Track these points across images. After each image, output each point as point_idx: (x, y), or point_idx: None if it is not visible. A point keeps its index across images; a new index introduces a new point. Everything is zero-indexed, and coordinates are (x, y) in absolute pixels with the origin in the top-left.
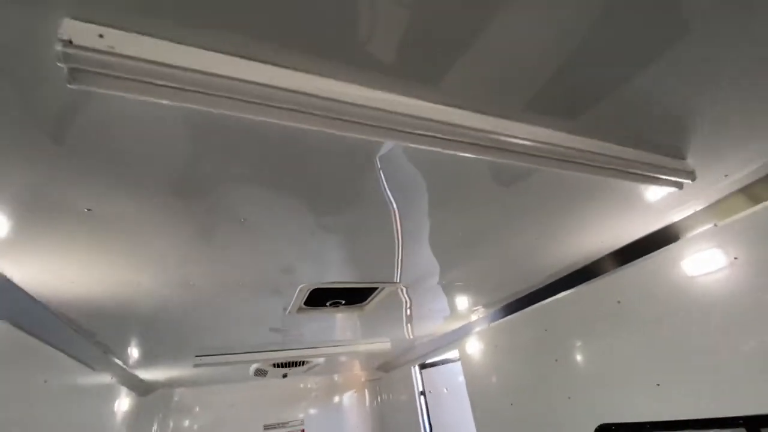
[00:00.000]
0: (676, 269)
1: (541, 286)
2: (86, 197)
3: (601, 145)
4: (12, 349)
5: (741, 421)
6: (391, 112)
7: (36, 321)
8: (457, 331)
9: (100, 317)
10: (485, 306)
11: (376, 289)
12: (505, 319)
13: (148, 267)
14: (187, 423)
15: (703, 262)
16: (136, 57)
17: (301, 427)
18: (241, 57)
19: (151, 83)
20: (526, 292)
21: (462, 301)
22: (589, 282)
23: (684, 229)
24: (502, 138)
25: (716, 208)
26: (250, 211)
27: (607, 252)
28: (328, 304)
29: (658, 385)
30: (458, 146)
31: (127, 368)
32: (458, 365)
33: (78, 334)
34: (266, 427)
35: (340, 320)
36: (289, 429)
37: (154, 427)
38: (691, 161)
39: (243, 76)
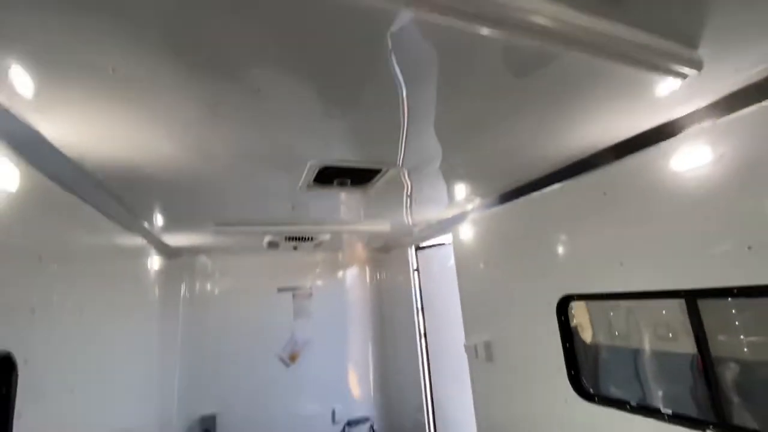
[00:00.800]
0: (664, 164)
1: (537, 177)
2: (111, 57)
3: (611, 26)
4: (54, 204)
5: (682, 293)
6: None
7: (72, 180)
8: (452, 219)
9: (126, 180)
10: (482, 196)
11: (380, 171)
12: (498, 207)
13: (167, 130)
14: (209, 286)
15: (692, 158)
16: None
17: (310, 292)
18: None
19: None
20: (521, 183)
21: (460, 189)
22: (580, 175)
23: (683, 126)
24: (518, 14)
25: (719, 106)
26: (264, 82)
27: (604, 146)
28: (335, 182)
29: (621, 264)
30: (476, 20)
31: (154, 233)
32: (450, 248)
33: (109, 196)
34: (279, 290)
35: (345, 201)
36: (300, 292)
37: (183, 289)
38: (702, 51)
39: None
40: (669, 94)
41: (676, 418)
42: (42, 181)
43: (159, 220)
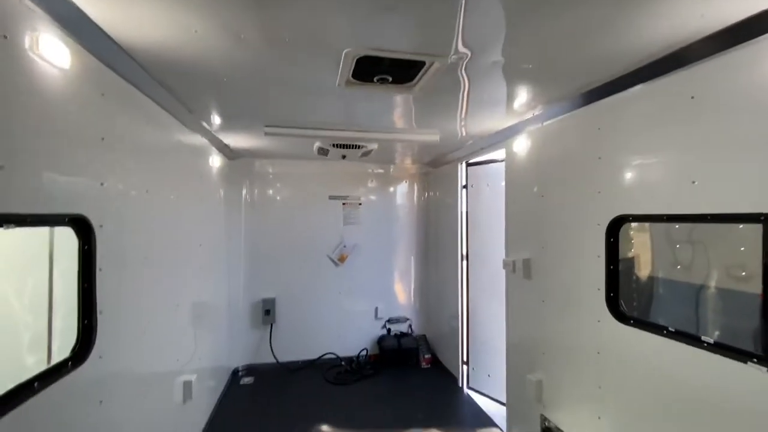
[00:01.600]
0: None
1: (610, 78)
2: None
3: None
4: (111, 90)
5: (762, 218)
6: None
7: (126, 68)
8: (508, 130)
9: (174, 71)
10: (544, 103)
11: (423, 64)
12: (559, 117)
13: (197, 12)
14: (268, 190)
15: None
16: None
17: (359, 202)
18: None
19: None
20: (591, 87)
21: (521, 93)
22: (664, 75)
23: None
24: None
25: None
26: None
27: (700, 36)
28: (375, 80)
29: (694, 182)
30: None
31: (212, 131)
32: (501, 166)
33: (165, 90)
34: (331, 197)
35: (390, 104)
36: (349, 201)
37: (243, 189)
38: None
39: None
40: None
41: (716, 347)
42: (96, 65)
43: (215, 119)
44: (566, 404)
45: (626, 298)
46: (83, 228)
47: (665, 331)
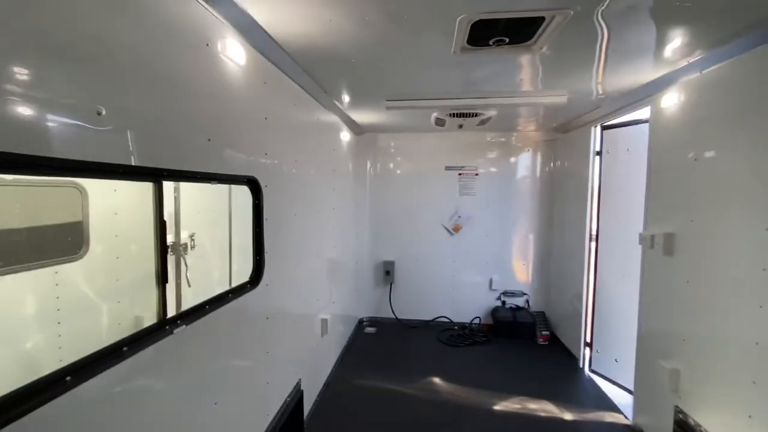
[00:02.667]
0: None
1: None
2: None
3: None
4: (271, 80)
5: None
6: None
7: (281, 61)
8: (655, 84)
9: (315, 58)
10: (704, 47)
11: (543, 20)
12: (723, 63)
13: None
14: (388, 160)
15: None
16: None
17: (475, 172)
18: None
19: None
20: (764, 22)
21: (674, 36)
22: None
23: None
24: None
25: None
26: None
27: None
28: (491, 43)
29: None
30: None
31: (342, 108)
32: (646, 127)
33: (309, 77)
34: (447, 168)
35: (509, 65)
36: (466, 171)
37: (368, 162)
38: None
39: None
40: None
41: None
42: (260, 59)
43: (345, 97)
44: (708, 398)
45: None
46: (255, 187)
47: None
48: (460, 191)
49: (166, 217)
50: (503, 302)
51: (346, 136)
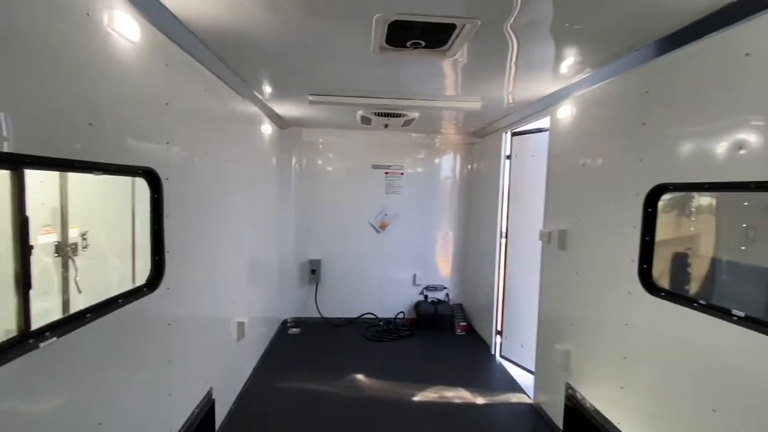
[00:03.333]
0: None
1: (659, 37)
2: None
3: None
4: (175, 61)
5: None
6: None
7: (187, 43)
8: (554, 96)
9: (226, 41)
10: (592, 65)
11: (454, 27)
12: (607, 80)
13: None
14: (313, 156)
15: None
16: None
17: (401, 171)
18: None
19: None
20: (640, 46)
21: (568, 53)
22: (716, 32)
23: None
24: None
25: None
26: None
27: None
28: (408, 45)
29: (741, 149)
30: None
31: (264, 100)
32: (546, 135)
33: (222, 64)
34: (374, 166)
35: (429, 69)
36: (392, 170)
37: (293, 158)
38: None
39: None
40: None
41: (746, 321)
42: (161, 39)
43: (266, 88)
44: (591, 374)
45: (661, 270)
46: (153, 179)
47: (695, 304)
48: (386, 189)
49: (50, 213)
50: (426, 296)
51: (268, 129)
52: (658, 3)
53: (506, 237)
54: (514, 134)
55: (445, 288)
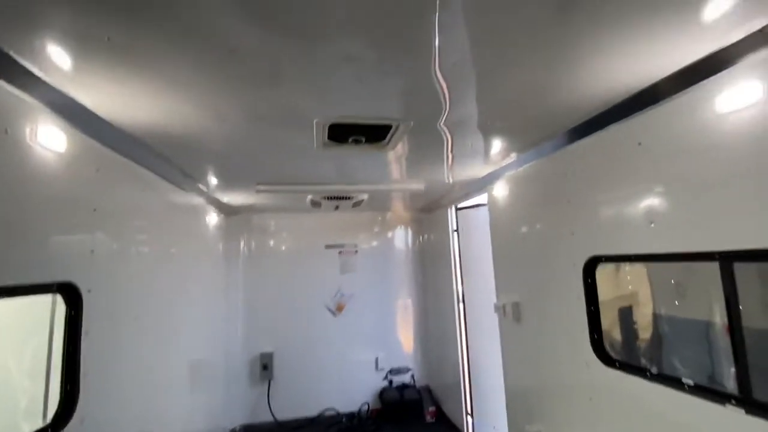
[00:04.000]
0: (708, 107)
1: (569, 127)
2: (103, 28)
3: None
4: (106, 164)
5: (716, 256)
6: None
7: (120, 143)
8: (488, 177)
9: (169, 144)
10: (517, 150)
11: (390, 127)
12: (531, 163)
13: (184, 95)
14: (264, 241)
15: (739, 97)
16: None
17: (355, 250)
18: None
19: None
20: (557, 134)
21: (494, 143)
22: (614, 124)
23: (732, 58)
24: None
25: None
26: (253, 44)
27: (639, 89)
28: (350, 140)
29: (652, 224)
30: None
31: (209, 192)
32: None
33: (160, 159)
34: (327, 246)
35: (373, 158)
36: (345, 249)
37: (242, 244)
38: None
39: None
40: (706, 18)
41: (696, 390)
42: (92, 145)
43: (211, 181)
44: None
45: (612, 339)
46: (71, 294)
47: (648, 374)
48: (341, 269)
49: None
50: (390, 381)
51: (213, 218)
52: (561, 102)
53: (464, 302)
54: (458, 209)
55: (410, 369)
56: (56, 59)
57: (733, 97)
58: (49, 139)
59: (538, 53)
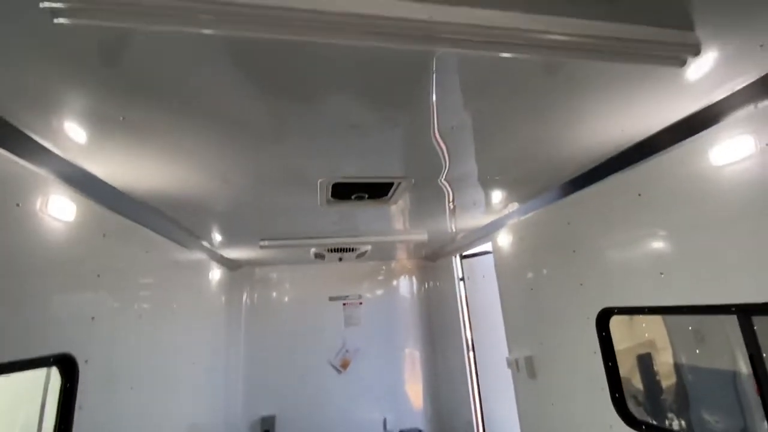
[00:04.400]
0: (702, 159)
1: (568, 179)
2: (119, 109)
3: (605, 27)
4: (112, 229)
5: (733, 309)
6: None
7: (128, 208)
8: (491, 225)
9: (175, 206)
10: (518, 200)
11: (392, 184)
12: (533, 212)
13: (191, 163)
14: (268, 295)
15: (731, 151)
16: None
17: (359, 301)
18: None
19: (116, 11)
20: (557, 185)
21: (495, 195)
22: (612, 175)
23: (718, 114)
24: (536, 35)
25: (761, 86)
26: (253, 113)
27: (633, 142)
28: (353, 197)
29: (662, 274)
30: (500, 47)
31: (213, 248)
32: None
33: (166, 219)
34: (331, 299)
35: (373, 213)
36: (350, 301)
37: (244, 297)
38: (699, 33)
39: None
40: (688, 81)
41: None
42: (100, 211)
43: (215, 238)
44: None
45: (635, 396)
46: (68, 366)
47: None
48: (345, 322)
49: None
50: None
51: (216, 273)
52: (558, 156)
53: (474, 351)
54: (463, 257)
55: (420, 431)
56: (72, 136)
57: (727, 150)
58: (59, 209)
59: (532, 114)
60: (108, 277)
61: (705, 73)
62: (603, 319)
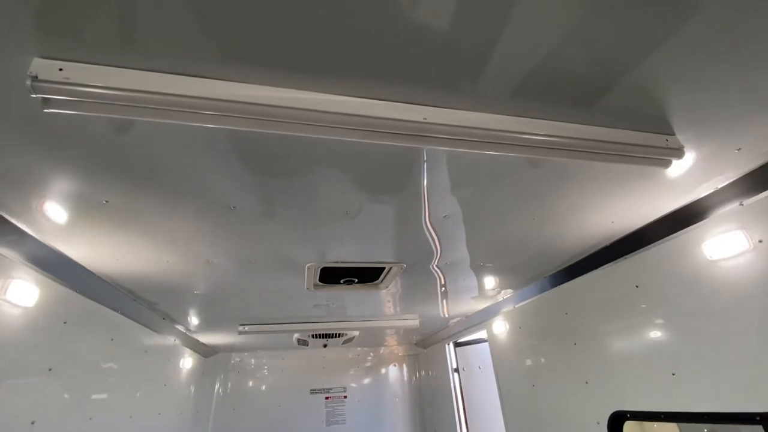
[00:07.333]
0: (697, 252)
1: (565, 266)
2: (103, 192)
3: (590, 130)
4: (81, 314)
5: (758, 418)
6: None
7: (101, 292)
8: (486, 311)
9: (151, 289)
10: (511, 287)
11: (383, 269)
12: (529, 300)
13: (171, 247)
14: (243, 383)
15: (726, 245)
16: (87, 84)
17: (344, 394)
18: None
19: (105, 103)
20: (551, 272)
21: (488, 281)
22: (607, 265)
23: (709, 208)
24: (523, 136)
25: (743, 185)
26: (244, 199)
27: (624, 234)
28: (342, 282)
29: (674, 374)
30: (488, 146)
31: (188, 332)
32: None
33: (140, 303)
34: (312, 391)
35: (363, 297)
36: (333, 394)
37: (216, 386)
38: (680, 137)
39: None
40: (673, 178)
41: None
42: (64, 294)
43: (191, 321)
44: None
45: None
46: None
47: None
48: (327, 420)
49: None
50: None
51: (188, 362)
52: (549, 246)
53: None
54: (456, 344)
55: None
56: (52, 217)
57: (722, 245)
58: (18, 294)
59: (523, 205)
60: (62, 369)
61: (688, 171)
62: (615, 424)
